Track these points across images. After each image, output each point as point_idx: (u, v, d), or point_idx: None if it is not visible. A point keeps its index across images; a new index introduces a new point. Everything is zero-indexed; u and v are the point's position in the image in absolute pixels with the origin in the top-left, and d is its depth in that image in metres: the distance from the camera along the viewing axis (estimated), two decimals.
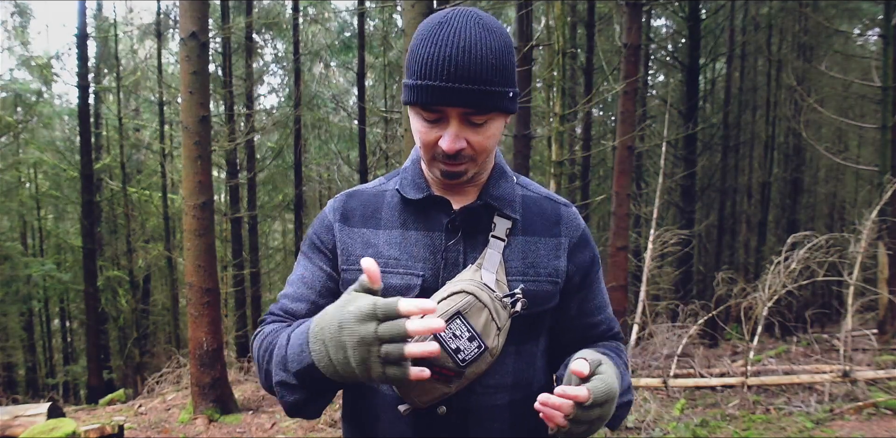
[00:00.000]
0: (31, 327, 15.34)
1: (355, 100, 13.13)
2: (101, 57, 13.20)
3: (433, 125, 0.93)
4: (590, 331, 1.12)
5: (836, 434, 4.07)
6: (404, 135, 4.28)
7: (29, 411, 5.06)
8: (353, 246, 1.03)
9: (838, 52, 12.30)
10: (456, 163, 0.94)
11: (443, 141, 0.92)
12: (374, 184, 1.12)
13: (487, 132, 0.93)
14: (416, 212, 1.03)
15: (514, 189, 1.06)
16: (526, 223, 1.04)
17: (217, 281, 5.71)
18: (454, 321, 0.88)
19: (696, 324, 6.46)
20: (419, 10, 4.14)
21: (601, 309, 1.13)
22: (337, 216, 1.06)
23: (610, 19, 11.65)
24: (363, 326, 0.76)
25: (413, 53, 0.91)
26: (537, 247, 1.03)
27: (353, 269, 1.02)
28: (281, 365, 0.89)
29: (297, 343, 0.86)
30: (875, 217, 6.25)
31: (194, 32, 5.30)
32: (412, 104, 0.92)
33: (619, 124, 6.48)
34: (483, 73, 0.87)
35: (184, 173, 5.52)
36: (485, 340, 0.89)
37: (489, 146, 0.95)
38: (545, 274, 1.02)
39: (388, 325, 0.75)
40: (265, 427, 5.23)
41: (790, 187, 13.86)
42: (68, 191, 14.26)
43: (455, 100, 0.87)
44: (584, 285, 1.08)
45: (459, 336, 0.88)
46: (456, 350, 0.87)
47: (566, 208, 1.10)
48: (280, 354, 0.90)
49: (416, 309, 0.76)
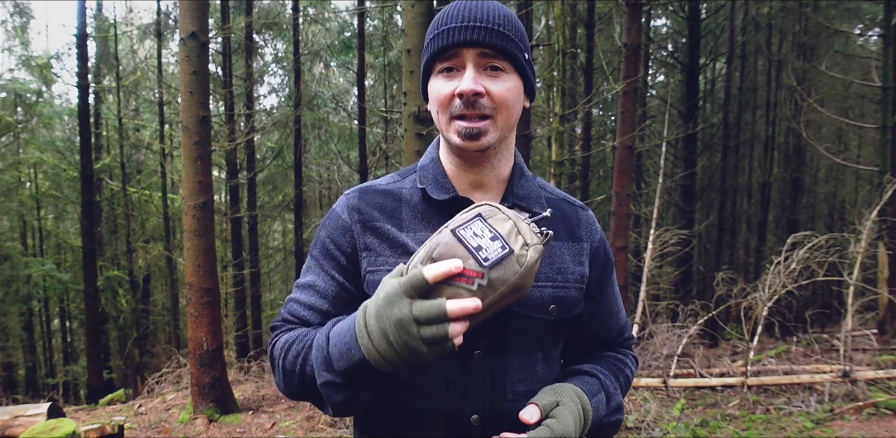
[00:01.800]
0: (31, 327, 15.34)
1: (355, 100, 13.13)
2: (100, 57, 13.19)
3: (451, 76, 0.92)
4: (600, 337, 1.11)
5: (836, 434, 4.07)
6: (404, 135, 4.28)
7: (29, 411, 5.06)
8: (381, 246, 0.97)
9: (838, 52, 12.30)
10: (475, 115, 0.91)
11: (460, 85, 0.90)
12: (387, 180, 1.06)
13: (505, 83, 0.92)
14: (441, 213, 0.98)
15: (537, 188, 1.04)
16: (549, 227, 0.99)
17: (217, 281, 5.71)
18: (474, 222, 0.81)
19: (696, 324, 6.46)
20: (419, 10, 4.14)
21: (613, 315, 1.11)
22: (354, 216, 1.00)
23: (610, 19, 11.65)
24: (396, 307, 0.75)
25: (432, 22, 0.95)
26: (562, 252, 1.01)
27: (383, 270, 0.96)
28: (324, 366, 0.86)
29: (341, 341, 0.83)
30: (875, 217, 6.24)
31: (194, 32, 5.31)
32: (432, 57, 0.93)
33: (619, 124, 6.47)
34: (498, 18, 0.91)
35: (184, 173, 5.52)
36: (509, 242, 0.80)
37: (508, 99, 0.93)
38: (572, 280, 1.00)
39: (424, 306, 0.74)
40: (265, 426, 5.23)
41: (790, 187, 13.85)
42: (68, 191, 14.26)
43: (469, 37, 0.89)
44: (599, 290, 1.07)
45: (480, 235, 0.80)
46: (477, 248, 0.79)
47: (584, 212, 1.08)
48: (321, 355, 0.86)
49: (443, 273, 0.74)
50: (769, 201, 13.95)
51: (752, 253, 14.39)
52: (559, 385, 0.96)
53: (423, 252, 0.80)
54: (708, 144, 12.61)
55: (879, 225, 6.93)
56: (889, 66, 8.32)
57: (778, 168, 14.10)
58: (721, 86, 14.18)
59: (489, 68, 0.92)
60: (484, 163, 0.99)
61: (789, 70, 12.10)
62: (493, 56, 0.91)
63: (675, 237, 7.53)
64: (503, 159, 1.00)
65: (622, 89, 6.23)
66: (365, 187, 1.04)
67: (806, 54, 13.13)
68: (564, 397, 0.92)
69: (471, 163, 0.99)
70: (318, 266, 1.02)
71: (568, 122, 10.43)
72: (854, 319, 6.33)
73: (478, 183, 1.01)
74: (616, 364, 1.09)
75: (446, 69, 0.93)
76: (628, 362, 1.12)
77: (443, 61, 0.92)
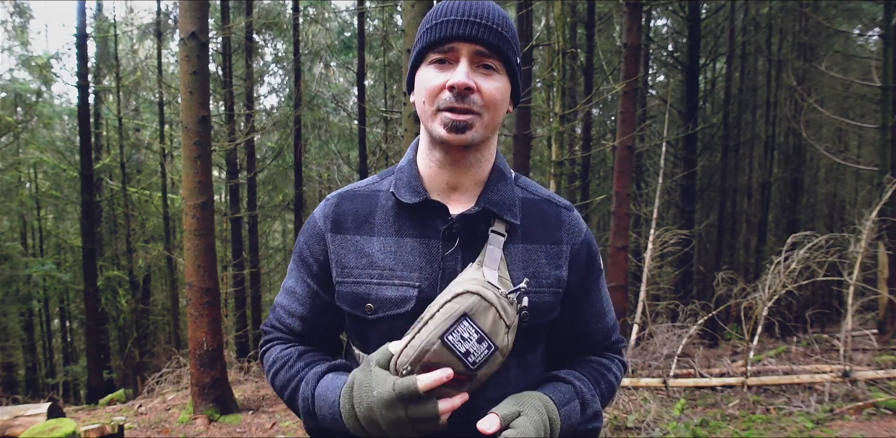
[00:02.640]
0: (31, 327, 15.34)
1: (355, 100, 13.13)
2: (100, 57, 13.19)
3: (443, 68, 0.92)
4: (585, 340, 1.09)
5: (836, 434, 4.07)
6: (404, 135, 4.28)
7: (29, 411, 5.06)
8: (347, 256, 0.99)
9: (838, 52, 12.29)
10: (462, 108, 0.90)
11: (453, 77, 0.89)
12: (367, 182, 1.07)
13: (496, 82, 0.92)
14: (412, 217, 0.98)
15: (513, 192, 1.01)
16: (526, 229, 0.99)
17: (217, 281, 5.71)
18: (461, 323, 0.85)
19: (696, 324, 6.46)
20: (419, 9, 4.14)
21: (598, 318, 1.09)
22: (328, 224, 1.02)
23: (610, 19, 11.66)
24: (393, 412, 0.83)
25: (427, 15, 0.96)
26: (538, 256, 0.98)
27: (349, 282, 0.98)
28: (310, 418, 0.97)
29: (326, 409, 0.93)
30: (875, 217, 6.24)
31: (194, 32, 5.30)
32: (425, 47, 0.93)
33: (619, 124, 6.47)
34: (494, 17, 0.92)
35: (184, 173, 5.52)
36: (494, 340, 0.86)
37: (497, 98, 0.93)
38: (547, 284, 0.98)
39: (420, 410, 0.83)
40: (265, 426, 5.23)
41: (790, 187, 13.85)
42: (68, 191, 14.27)
43: (467, 32, 0.89)
44: (581, 293, 1.04)
45: (468, 338, 0.85)
46: (465, 353, 0.85)
47: (567, 212, 1.05)
48: (306, 408, 0.97)
49: (434, 382, 0.82)
50: (769, 201, 13.95)
51: (752, 253, 14.39)
52: (526, 393, 0.94)
53: (414, 353, 0.85)
54: (708, 144, 12.61)
55: (879, 225, 6.93)
56: (889, 66, 8.32)
57: (778, 168, 14.10)
58: (721, 86, 14.18)
59: (482, 66, 0.92)
60: (463, 162, 0.98)
61: (789, 70, 12.11)
62: (488, 55, 0.91)
63: (675, 237, 7.53)
64: (483, 160, 0.99)
65: (622, 89, 6.23)
66: (345, 191, 1.06)
67: (806, 54, 13.13)
68: (528, 407, 0.90)
69: (450, 160, 0.97)
70: (297, 270, 1.07)
71: (568, 122, 10.43)
72: (854, 319, 6.33)
73: (454, 184, 1.00)
74: (599, 369, 1.07)
75: (438, 60, 0.92)
76: (613, 367, 1.09)
77: (437, 53, 0.92)
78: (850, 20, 13.36)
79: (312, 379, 0.97)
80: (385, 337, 0.93)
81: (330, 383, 0.95)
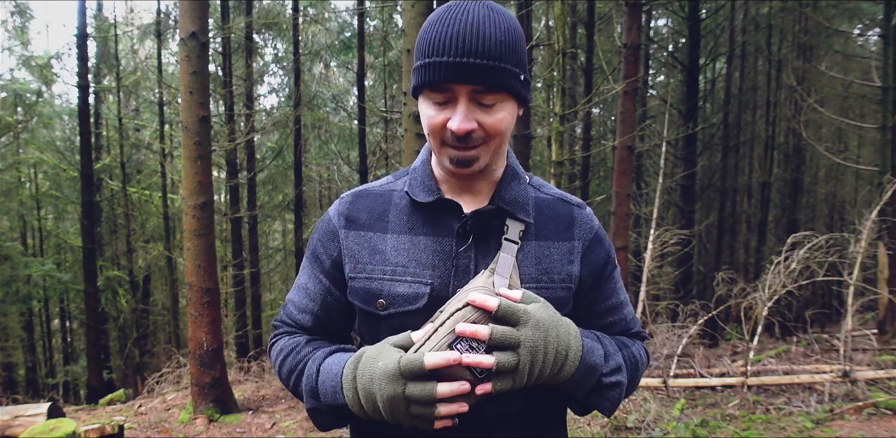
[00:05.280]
0: (31, 327, 15.35)
1: (355, 100, 13.13)
2: (101, 57, 13.20)
3: (442, 107, 0.90)
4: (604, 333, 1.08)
5: (836, 434, 4.07)
6: (404, 135, 4.28)
7: (29, 411, 5.06)
8: (361, 252, 1.00)
9: (838, 52, 12.30)
10: (467, 147, 0.90)
11: (452, 121, 0.88)
12: (382, 182, 1.08)
13: (498, 114, 0.90)
14: (426, 215, 0.99)
15: (526, 191, 1.02)
16: (539, 227, 1.00)
17: (217, 281, 5.71)
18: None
19: (696, 324, 6.46)
20: (419, 10, 4.15)
21: (614, 310, 1.09)
22: (342, 221, 1.03)
23: (610, 19, 11.65)
24: (391, 385, 0.82)
25: (422, 37, 0.90)
26: (550, 252, 1.00)
27: (361, 277, 0.99)
28: (312, 395, 0.96)
29: (329, 382, 0.92)
30: (875, 217, 6.24)
31: (194, 32, 5.31)
32: (420, 86, 0.90)
33: (619, 124, 6.47)
34: (492, 49, 0.86)
35: (184, 173, 5.52)
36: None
37: (502, 128, 0.91)
38: (559, 280, 0.99)
39: (418, 388, 0.81)
40: (265, 426, 5.23)
41: (790, 187, 13.86)
42: (68, 191, 14.27)
43: (463, 75, 0.85)
44: (594, 287, 1.05)
45: (476, 348, 0.84)
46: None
47: (580, 209, 1.06)
48: (310, 384, 0.96)
49: (442, 362, 0.81)
50: (769, 201, 13.95)
51: (752, 253, 14.39)
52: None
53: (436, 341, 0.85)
54: (708, 144, 12.62)
55: (879, 225, 6.93)
56: (889, 66, 8.32)
57: (778, 168, 14.10)
58: (721, 86, 14.18)
59: (482, 103, 0.89)
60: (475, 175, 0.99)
61: (789, 70, 12.11)
62: (488, 91, 0.88)
63: (675, 237, 7.53)
64: (494, 164, 1.00)
65: (622, 89, 6.23)
66: (360, 191, 1.07)
67: (806, 54, 13.14)
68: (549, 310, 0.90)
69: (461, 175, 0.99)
70: (310, 267, 1.08)
71: (568, 122, 10.44)
72: (854, 319, 6.33)
73: (468, 187, 1.01)
74: (621, 339, 1.07)
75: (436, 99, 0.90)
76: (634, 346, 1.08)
77: (433, 91, 0.90)
78: (850, 20, 13.36)
79: (320, 356, 0.98)
80: (396, 333, 0.92)
81: (338, 358, 0.95)
